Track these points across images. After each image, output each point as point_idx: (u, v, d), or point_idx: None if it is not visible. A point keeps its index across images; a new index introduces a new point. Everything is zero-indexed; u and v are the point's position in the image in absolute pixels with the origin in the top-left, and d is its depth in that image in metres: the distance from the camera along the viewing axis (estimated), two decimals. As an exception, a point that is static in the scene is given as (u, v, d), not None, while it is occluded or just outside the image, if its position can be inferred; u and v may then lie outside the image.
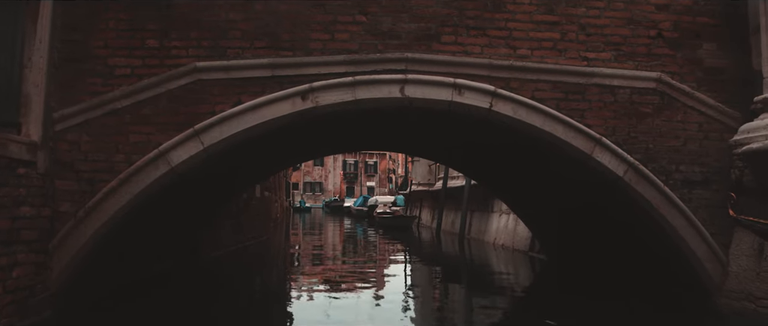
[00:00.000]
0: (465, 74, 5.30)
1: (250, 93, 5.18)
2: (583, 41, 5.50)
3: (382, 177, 65.98)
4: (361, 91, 5.23)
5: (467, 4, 5.43)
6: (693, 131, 5.57)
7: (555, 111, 5.34)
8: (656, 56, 5.59)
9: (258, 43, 5.24)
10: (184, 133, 5.07)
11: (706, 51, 5.69)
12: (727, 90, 5.67)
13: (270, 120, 5.19)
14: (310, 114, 5.26)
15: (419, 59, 5.29)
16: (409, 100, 5.26)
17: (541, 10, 5.47)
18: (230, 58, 5.20)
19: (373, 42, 5.32)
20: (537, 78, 5.38)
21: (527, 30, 5.44)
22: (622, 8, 5.59)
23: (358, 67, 5.25)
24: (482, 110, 5.29)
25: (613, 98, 5.48)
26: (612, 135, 5.43)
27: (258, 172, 9.76)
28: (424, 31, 5.36)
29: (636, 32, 5.58)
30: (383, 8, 5.36)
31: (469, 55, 5.35)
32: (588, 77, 5.44)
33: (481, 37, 5.40)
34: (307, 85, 5.19)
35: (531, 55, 5.42)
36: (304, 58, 5.23)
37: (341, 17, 5.32)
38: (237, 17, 5.25)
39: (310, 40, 5.27)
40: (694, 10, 5.70)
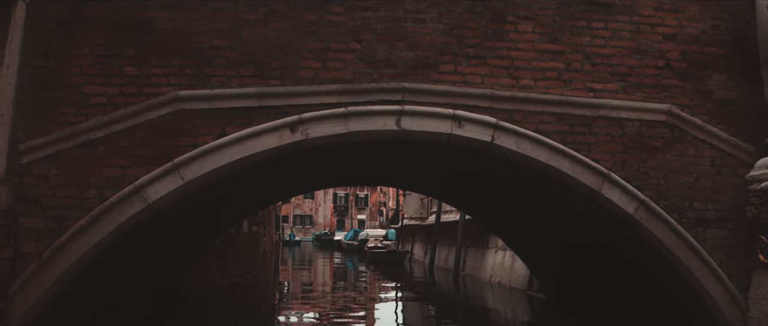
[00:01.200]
0: (465, 105, 4.99)
1: (235, 124, 4.83)
2: (588, 71, 5.22)
3: (373, 210, 65.42)
4: (354, 123, 4.89)
5: (467, 32, 5.15)
6: (705, 166, 5.27)
7: (561, 145, 5.02)
8: (665, 87, 5.32)
9: (244, 71, 4.91)
10: (163, 166, 4.69)
11: (716, 82, 5.43)
12: (739, 123, 5.40)
13: (256, 153, 4.82)
14: (300, 147, 4.90)
15: (416, 89, 4.98)
16: (406, 133, 4.93)
17: (544, 39, 5.20)
18: (214, 86, 4.86)
19: (368, 71, 5.01)
20: (541, 110, 5.08)
21: (530, 59, 5.15)
22: (628, 37, 5.33)
23: (351, 97, 4.93)
24: (483, 143, 4.96)
25: (622, 131, 5.17)
26: (621, 170, 5.11)
27: (245, 208, 9.34)
28: (421, 59, 5.07)
29: (643, 62, 5.32)
30: (378, 35, 5.06)
31: (470, 85, 5.05)
32: (594, 109, 5.15)
33: (482, 67, 5.10)
34: (297, 117, 4.85)
35: (534, 86, 5.13)
36: (294, 87, 4.91)
37: (334, 45, 5.01)
38: (222, 44, 4.93)
39: (300, 69, 4.95)
40: (702, 40, 5.46)
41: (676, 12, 5.46)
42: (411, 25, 5.11)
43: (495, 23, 5.18)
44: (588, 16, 5.30)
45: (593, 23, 5.30)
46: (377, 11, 5.09)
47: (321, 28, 5.03)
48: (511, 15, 5.21)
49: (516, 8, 5.23)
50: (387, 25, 5.08)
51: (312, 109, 4.90)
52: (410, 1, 5.13)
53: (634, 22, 5.36)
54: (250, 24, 4.96)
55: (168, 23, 4.92)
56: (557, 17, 5.25)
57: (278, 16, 5.01)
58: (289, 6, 5.03)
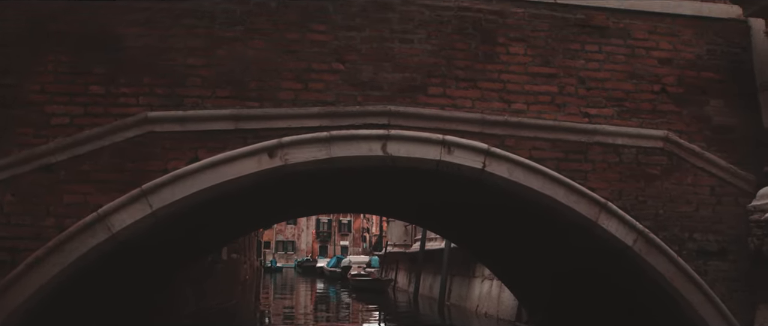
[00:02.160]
0: (455, 130, 4.72)
1: (209, 148, 4.50)
2: (583, 96, 5.00)
3: (356, 236, 64.75)
4: (337, 148, 4.59)
5: (456, 54, 4.91)
6: (705, 195, 5.04)
7: (555, 172, 4.76)
8: (661, 113, 5.11)
9: (220, 91, 4.60)
10: (130, 193, 4.33)
11: (714, 108, 5.24)
12: (738, 150, 5.19)
13: (232, 179, 4.49)
14: (279, 173, 4.58)
15: (403, 113, 4.70)
16: (392, 159, 4.63)
17: (536, 62, 4.98)
18: (187, 107, 4.54)
19: (352, 93, 4.73)
20: (534, 135, 4.82)
21: (522, 82, 4.92)
22: (622, 61, 5.13)
23: (334, 120, 4.63)
24: (474, 171, 4.69)
25: (618, 158, 4.93)
26: (618, 199, 4.86)
27: (222, 236, 8.94)
28: (408, 81, 4.80)
29: (639, 87, 5.11)
30: (363, 56, 4.80)
31: (459, 109, 4.79)
32: (590, 135, 4.91)
33: (472, 90, 4.85)
34: (276, 141, 4.54)
35: (527, 110, 4.88)
36: (273, 109, 4.60)
37: (316, 65, 4.74)
38: (197, 62, 4.62)
39: (280, 90, 4.66)
40: (697, 65, 5.28)
41: (671, 36, 5.28)
42: (398, 45, 4.86)
43: (485, 45, 4.95)
44: (581, 39, 5.10)
45: (587, 46, 5.10)
46: (362, 31, 4.83)
47: (303, 47, 4.76)
48: (502, 36, 4.99)
49: (507, 29, 5.01)
50: (372, 45, 4.82)
51: (292, 133, 4.59)
52: (397, 21, 4.89)
53: (628, 45, 5.18)
54: (227, 42, 4.68)
55: (139, 40, 4.61)
56: (550, 39, 5.04)
57: (257, 33, 4.73)
58: (269, 23, 4.76)
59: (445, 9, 4.94)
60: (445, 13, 4.95)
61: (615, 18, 5.19)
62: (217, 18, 4.71)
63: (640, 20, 5.24)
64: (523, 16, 5.05)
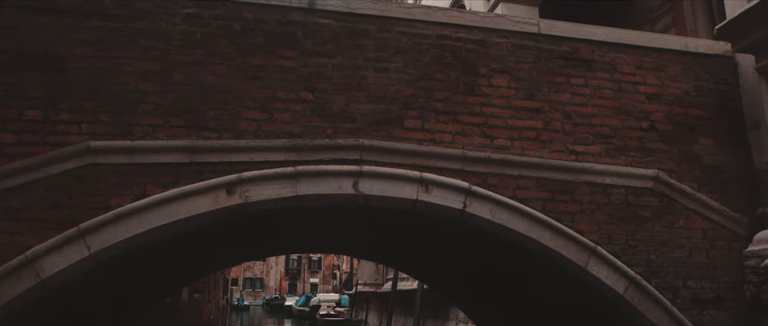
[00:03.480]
0: (433, 167, 4.33)
1: (159, 183, 4.01)
2: (569, 132, 4.68)
3: (326, 273, 63.49)
4: (303, 185, 4.15)
5: (435, 85, 4.56)
6: (698, 239, 4.72)
7: (541, 214, 4.39)
8: (650, 151, 4.82)
9: (174, 120, 4.14)
10: (65, 233, 3.79)
11: (703, 147, 4.98)
12: (729, 191, 4.92)
13: (185, 218, 4.00)
14: (239, 212, 4.11)
15: (377, 147, 4.30)
16: (365, 198, 4.21)
17: (520, 95, 4.66)
18: (136, 137, 4.06)
19: (321, 125, 4.32)
20: (519, 173, 4.47)
21: (506, 117, 4.58)
22: (609, 96, 4.85)
23: (301, 154, 4.21)
24: (454, 211, 4.29)
25: (607, 199, 4.60)
26: (608, 243, 4.50)
27: (178, 277, 8.30)
28: (383, 113, 4.42)
29: (627, 123, 4.83)
30: (335, 85, 4.41)
31: (438, 144, 4.41)
32: (577, 174, 4.57)
33: (453, 124, 4.49)
34: (236, 176, 4.08)
35: (511, 146, 4.53)
36: (233, 141, 4.15)
37: (282, 93, 4.33)
38: (150, 88, 4.17)
39: (241, 120, 4.22)
40: (685, 102, 5.04)
41: (658, 71, 5.05)
42: (372, 74, 4.49)
43: (466, 76, 4.62)
44: (567, 72, 4.82)
45: (573, 79, 4.81)
46: (334, 57, 4.46)
47: (268, 73, 4.35)
48: (484, 67, 4.67)
49: (489, 60, 4.70)
50: (345, 73, 4.45)
51: (254, 168, 4.14)
52: (372, 48, 4.54)
53: (615, 79, 4.91)
54: (184, 66, 4.24)
55: (85, 61, 4.14)
56: (534, 72, 4.74)
57: (219, 58, 4.31)
58: (232, 47, 4.35)
59: (424, 36, 4.62)
60: (423, 41, 4.62)
61: (601, 51, 4.94)
62: (175, 40, 4.29)
63: (626, 54, 5.00)
64: (506, 47, 4.75)
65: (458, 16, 4.74)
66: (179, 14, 4.34)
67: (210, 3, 4.40)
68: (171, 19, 4.32)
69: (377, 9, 4.62)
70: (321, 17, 4.53)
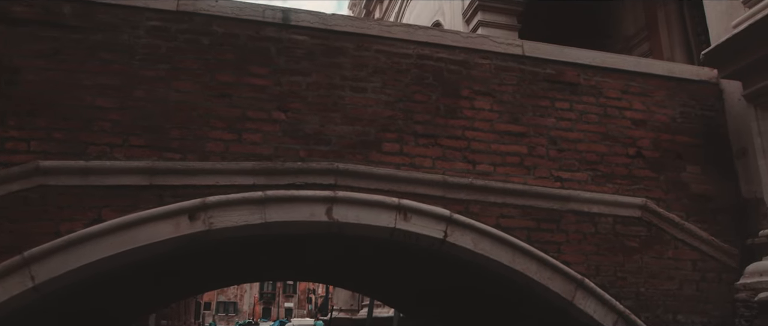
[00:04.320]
0: (412, 193, 4.08)
1: (115, 207, 3.69)
2: (554, 158, 4.48)
3: (301, 297, 62.39)
4: (273, 212, 3.86)
5: (415, 106, 4.34)
6: (687, 271, 4.53)
7: (526, 244, 4.15)
8: (638, 179, 4.65)
9: (135, 139, 3.83)
10: (6, 262, 3.44)
11: (691, 175, 4.82)
12: (718, 221, 4.76)
13: (143, 246, 3.67)
14: (202, 239, 3.80)
15: (353, 172, 4.04)
16: (339, 226, 3.93)
17: (504, 118, 4.46)
18: (91, 157, 3.74)
19: (294, 147, 4.05)
20: (502, 201, 4.24)
21: (489, 141, 4.37)
22: (595, 121, 4.68)
23: (271, 178, 3.92)
24: (434, 241, 4.03)
25: (594, 229, 4.39)
26: (596, 275, 4.28)
27: (139, 307, 7.85)
28: (360, 136, 4.18)
29: (613, 150, 4.65)
30: (309, 105, 4.16)
31: (418, 169, 4.17)
32: (563, 202, 4.36)
33: (433, 148, 4.26)
34: (200, 201, 3.77)
35: (494, 172, 4.31)
36: (198, 163, 3.86)
37: (253, 113, 4.06)
38: (109, 104, 3.86)
39: (207, 140, 3.93)
40: (672, 128, 4.90)
41: (644, 96, 4.90)
42: (349, 94, 4.25)
43: (448, 97, 4.41)
44: (551, 95, 4.64)
45: (557, 103, 4.63)
46: (309, 75, 4.22)
47: (238, 91, 4.08)
48: (466, 89, 4.47)
49: (472, 82, 4.50)
50: (320, 92, 4.20)
51: (220, 192, 3.84)
52: (349, 67, 4.31)
53: (601, 104, 4.75)
54: (147, 81, 3.95)
55: (40, 74, 3.83)
56: (518, 94, 4.56)
57: (185, 74, 4.04)
58: (199, 63, 4.08)
59: (404, 56, 4.41)
60: (403, 61, 4.41)
61: (586, 75, 4.78)
62: (138, 53, 4.00)
63: (611, 78, 4.86)
64: (489, 68, 4.56)
65: (440, 36, 4.55)
66: (143, 27, 4.06)
67: (177, 16, 4.14)
68: (134, 31, 4.05)
69: (355, 26, 4.40)
70: (296, 33, 4.30)
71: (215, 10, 4.22)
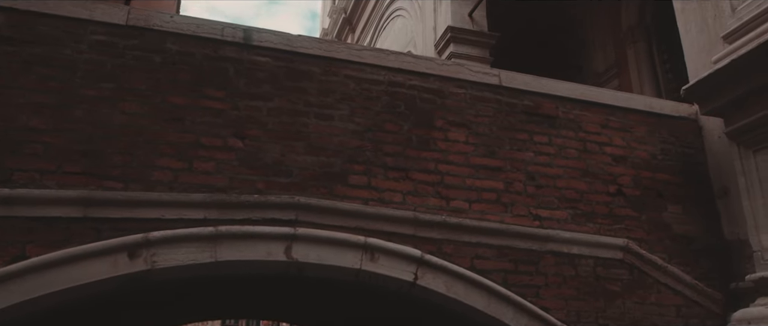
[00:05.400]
0: (380, 231, 3.73)
1: (43, 242, 3.23)
2: (533, 194, 4.20)
3: (265, 330, 60.70)
4: (225, 249, 3.45)
5: (385, 137, 4.02)
6: (671, 317, 4.26)
7: (502, 288, 3.83)
8: (619, 218, 4.40)
9: (70, 166, 3.41)
10: None
11: (672, 215, 4.61)
12: (700, 263, 4.53)
13: (73, 288, 3.22)
14: (143, 279, 3.37)
15: (316, 207, 3.68)
16: (299, 266, 3.54)
17: (479, 152, 4.18)
18: (17, 185, 3.29)
19: (251, 178, 3.67)
20: (477, 241, 3.92)
21: (464, 176, 4.07)
22: (575, 156, 4.44)
23: (224, 212, 3.53)
24: (404, 284, 3.67)
25: (575, 271, 4.10)
26: (576, 322, 3.97)
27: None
28: (325, 167, 3.83)
29: (593, 187, 4.41)
30: (269, 132, 3.80)
31: (387, 204, 3.83)
32: (542, 242, 4.07)
33: (404, 182, 3.93)
34: (142, 236, 3.35)
35: (469, 209, 4.00)
36: (141, 193, 3.44)
37: (207, 139, 3.68)
38: (43, 125, 3.44)
39: (154, 169, 3.53)
40: (652, 165, 4.69)
41: (624, 131, 4.70)
42: (314, 121, 3.92)
43: (421, 128, 4.12)
44: (529, 128, 4.39)
45: (536, 137, 4.38)
46: (270, 100, 3.87)
47: (191, 115, 3.71)
48: (440, 119, 4.18)
49: (446, 112, 4.22)
50: (282, 119, 3.86)
51: (165, 227, 3.43)
52: (315, 92, 3.98)
53: (580, 138, 4.52)
54: (88, 101, 3.55)
55: (-36, 91, 3.41)
56: (494, 126, 4.29)
57: (132, 94, 3.65)
58: (150, 83, 3.70)
59: (374, 82, 4.11)
60: (373, 88, 4.11)
61: (565, 107, 4.56)
62: (80, 70, 3.61)
63: (590, 112, 4.65)
64: (465, 98, 4.30)
65: (413, 62, 4.28)
66: (88, 41, 3.68)
67: (127, 31, 3.77)
68: (77, 46, 3.66)
69: (322, 49, 4.10)
70: (258, 54, 3.97)
71: (170, 26, 3.87)
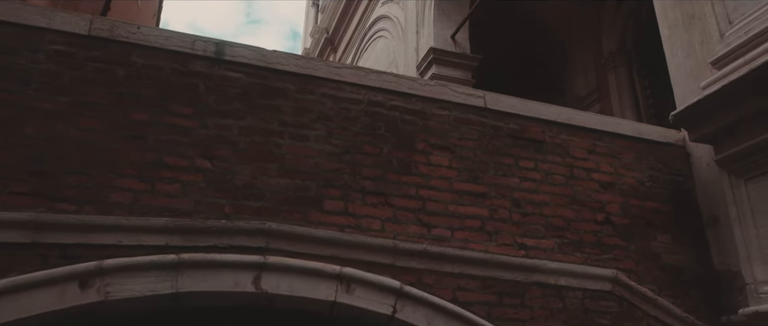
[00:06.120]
0: (357, 260, 3.48)
1: (-18, 271, 2.93)
2: (518, 222, 4.00)
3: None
4: (188, 279, 3.17)
5: (364, 159, 3.80)
6: (661, 354, 4.07)
7: (486, 322, 3.59)
8: (607, 248, 4.21)
9: (17, 185, 3.11)
10: None
11: (662, 244, 4.43)
12: (691, 295, 4.34)
13: (14, 322, 2.91)
14: (95, 313, 3.06)
15: (288, 234, 3.42)
16: (268, 298, 3.27)
17: (463, 177, 3.97)
18: (-43, 207, 2.99)
19: (219, 201, 3.41)
20: (460, 271, 3.69)
21: (446, 202, 3.85)
22: (562, 182, 4.26)
23: (187, 238, 3.25)
24: (381, 317, 3.41)
25: (562, 304, 3.88)
26: (564, 359, 3.75)
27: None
28: (299, 191, 3.58)
29: (581, 215, 4.22)
30: (240, 153, 3.55)
31: (365, 232, 3.59)
32: (528, 273, 3.85)
33: (383, 208, 3.70)
34: (95, 264, 3.05)
35: (451, 238, 3.78)
36: (96, 217, 3.15)
37: (171, 159, 3.41)
38: (-11, 142, 3.15)
39: (112, 190, 3.25)
40: (641, 193, 4.53)
41: (612, 157, 4.54)
42: (288, 142, 3.68)
43: (401, 151, 3.90)
44: (515, 153, 4.20)
45: (522, 162, 4.20)
46: (242, 119, 3.63)
47: (156, 133, 3.44)
48: (422, 142, 3.97)
49: (428, 134, 4.02)
50: (254, 139, 3.61)
51: (123, 254, 3.14)
52: (290, 111, 3.75)
53: (567, 164, 4.35)
54: (41, 115, 3.27)
55: None
56: (479, 150, 4.10)
57: (91, 109, 3.38)
58: (111, 97, 3.44)
59: (353, 101, 3.90)
60: (352, 107, 3.89)
61: (551, 132, 4.39)
62: (34, 82, 3.33)
63: (577, 137, 4.49)
64: (448, 120, 4.10)
65: (394, 81, 4.08)
66: (45, 50, 3.42)
67: (89, 41, 3.52)
68: (33, 55, 3.39)
69: (299, 65, 3.88)
70: (230, 69, 3.73)
71: (136, 37, 3.62)
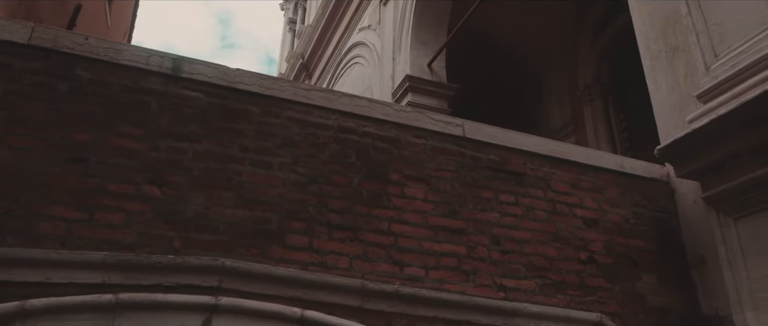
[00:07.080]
0: (321, 302, 3.13)
1: None
2: (497, 261, 3.70)
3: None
4: (127, 323, 2.78)
5: (332, 190, 3.48)
6: None
7: (463, 372, 3.27)
8: (591, 289, 3.94)
9: (-70, 213, 2.72)
10: None
11: (647, 285, 4.18)
12: (677, 343, 4.09)
13: None
14: (15, 361, 2.65)
15: (245, 271, 3.06)
16: (218, 346, 2.90)
17: (439, 211, 3.67)
18: None
19: (167, 234, 3.04)
20: (434, 315, 3.36)
21: (421, 238, 3.54)
22: (543, 218, 3.99)
23: (129, 276, 2.87)
24: (346, 367, 3.07)
25: (544, 353, 3.58)
26: None
27: None
28: (259, 223, 3.24)
29: (564, 253, 3.95)
30: (194, 180, 3.20)
31: (331, 270, 3.25)
32: (507, 317, 3.55)
33: (351, 244, 3.37)
34: (17, 304, 2.65)
35: (425, 278, 3.46)
36: (21, 250, 2.76)
37: (115, 185, 3.04)
38: None
39: (42, 219, 2.86)
40: (625, 230, 4.29)
41: (595, 192, 4.31)
42: (248, 169, 3.35)
43: (373, 181, 3.59)
44: (495, 186, 3.93)
45: (502, 196, 3.92)
46: (198, 142, 3.29)
47: (99, 155, 3.08)
48: (395, 172, 3.68)
49: (403, 164, 3.72)
50: (210, 165, 3.27)
51: (52, 293, 2.75)
52: (252, 135, 3.43)
53: (549, 199, 4.09)
54: (-35, 135, 2.89)
55: None
56: (457, 182, 3.81)
57: (25, 127, 3.01)
58: (50, 114, 3.07)
59: (322, 127, 3.59)
60: (321, 133, 3.59)
61: (533, 164, 4.14)
62: (-41, 96, 2.96)
63: (560, 170, 4.24)
64: (424, 150, 3.82)
65: (367, 107, 3.79)
66: (-24, 62, 3.04)
67: (28, 51, 3.17)
68: (-38, 67, 3.02)
69: (264, 86, 3.57)
70: (187, 88, 3.40)
71: (82, 49, 3.28)
